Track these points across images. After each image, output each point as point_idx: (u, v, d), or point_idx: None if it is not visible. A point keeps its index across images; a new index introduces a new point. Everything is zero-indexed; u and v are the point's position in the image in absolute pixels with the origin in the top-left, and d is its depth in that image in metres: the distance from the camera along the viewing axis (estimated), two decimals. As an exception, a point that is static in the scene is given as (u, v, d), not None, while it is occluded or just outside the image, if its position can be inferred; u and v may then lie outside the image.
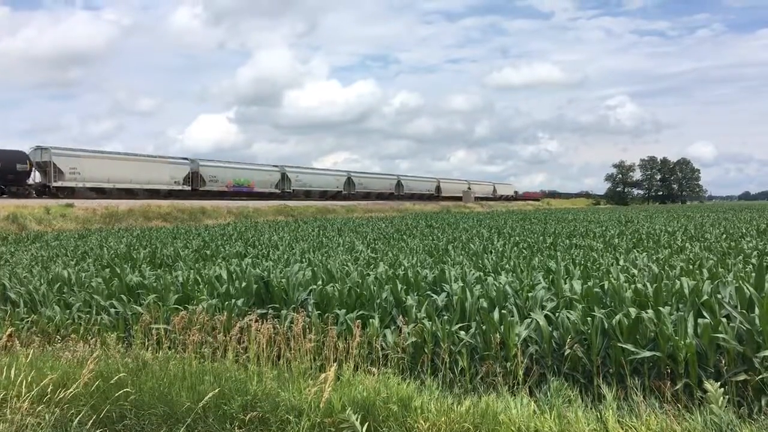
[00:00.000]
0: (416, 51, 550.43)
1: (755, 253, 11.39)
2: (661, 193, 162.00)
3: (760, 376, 4.60)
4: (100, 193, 46.78)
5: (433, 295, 7.07)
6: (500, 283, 7.16)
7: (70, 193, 43.38)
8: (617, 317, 5.32)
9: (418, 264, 10.67)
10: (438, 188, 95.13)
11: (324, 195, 70.45)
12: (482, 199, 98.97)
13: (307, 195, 67.59)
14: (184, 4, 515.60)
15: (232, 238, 20.28)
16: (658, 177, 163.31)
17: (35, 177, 44.49)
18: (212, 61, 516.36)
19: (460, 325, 5.97)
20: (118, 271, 9.54)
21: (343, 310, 6.56)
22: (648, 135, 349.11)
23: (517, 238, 17.20)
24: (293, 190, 66.31)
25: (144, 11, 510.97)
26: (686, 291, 6.23)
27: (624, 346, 5.08)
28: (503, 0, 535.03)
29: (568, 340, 5.30)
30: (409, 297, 6.82)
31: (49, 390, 4.61)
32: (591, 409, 4.40)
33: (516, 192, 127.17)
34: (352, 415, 4.06)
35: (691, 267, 8.85)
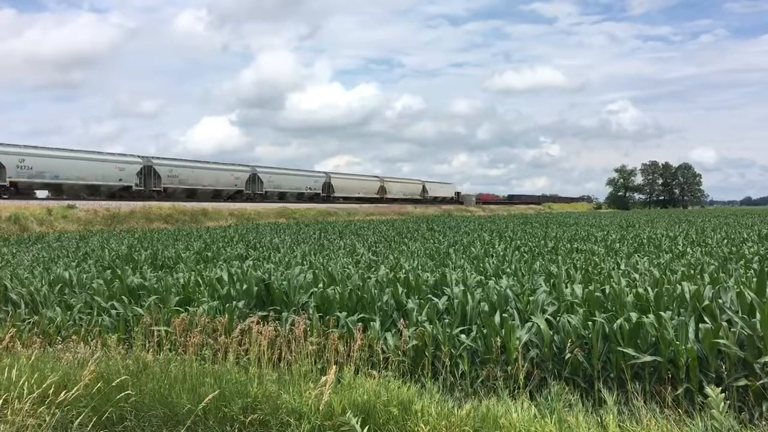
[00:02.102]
0: (420, 55, 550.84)
1: (756, 258, 11.38)
2: (662, 197, 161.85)
3: (761, 382, 4.59)
4: None
5: (434, 298, 7.07)
6: (501, 286, 7.16)
7: None
8: (618, 322, 5.31)
9: (419, 267, 10.67)
10: (327, 186, 71.58)
11: (95, 191, 47.73)
12: (402, 201, 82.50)
13: (57, 191, 45.83)
14: (189, 8, 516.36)
15: (233, 241, 20.29)
16: (660, 182, 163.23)
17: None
18: (215, 63, 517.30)
19: (461, 328, 5.97)
20: (119, 273, 9.55)
21: (344, 313, 6.56)
22: (650, 140, 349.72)
23: (519, 242, 17.19)
24: (10, 181, 41.63)
25: (148, 14, 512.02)
26: (687, 296, 6.23)
27: (625, 350, 5.08)
28: (507, 5, 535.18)
29: (569, 344, 5.30)
30: (410, 300, 6.82)
31: (50, 392, 4.61)
32: (592, 413, 4.40)
33: (458, 193, 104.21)
34: (353, 418, 4.05)
35: (692, 272, 8.84)
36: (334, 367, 4.78)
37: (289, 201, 62.92)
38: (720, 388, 4.10)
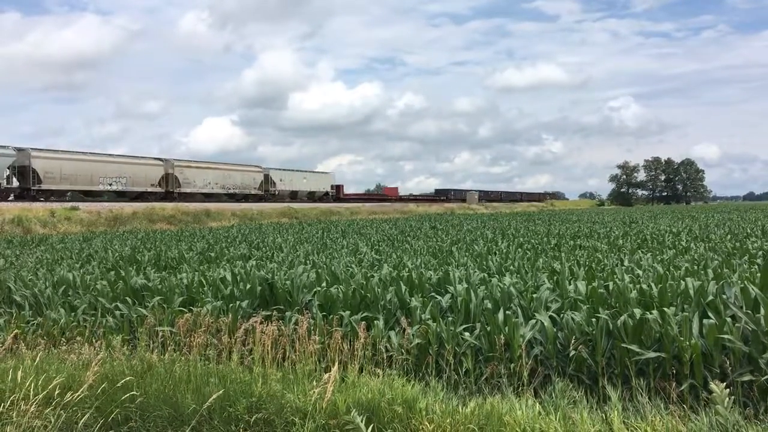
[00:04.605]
0: (422, 53, 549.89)
1: (760, 253, 11.35)
2: (665, 193, 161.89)
3: (766, 377, 4.58)
4: None
5: (437, 296, 7.07)
6: (504, 284, 7.15)
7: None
8: (622, 318, 5.31)
9: (422, 265, 10.66)
10: (27, 174, 42.71)
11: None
12: (237, 198, 60.07)
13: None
14: (191, 9, 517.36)
15: (236, 241, 20.31)
16: (663, 178, 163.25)
17: None
18: (218, 64, 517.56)
19: (464, 326, 5.96)
20: (123, 274, 9.57)
21: (348, 312, 6.56)
22: (652, 136, 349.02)
23: (521, 240, 17.17)
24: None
25: (150, 15, 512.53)
26: (691, 291, 6.21)
27: (629, 346, 5.07)
28: (509, 3, 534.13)
29: (573, 341, 5.30)
30: (413, 298, 6.82)
31: (55, 393, 4.62)
32: (596, 410, 4.39)
33: (337, 187, 78.28)
34: (357, 417, 4.06)
35: (695, 267, 8.82)
36: (336, 364, 4.78)
37: None
38: (724, 383, 4.10)
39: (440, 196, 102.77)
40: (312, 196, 71.72)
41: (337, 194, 77.47)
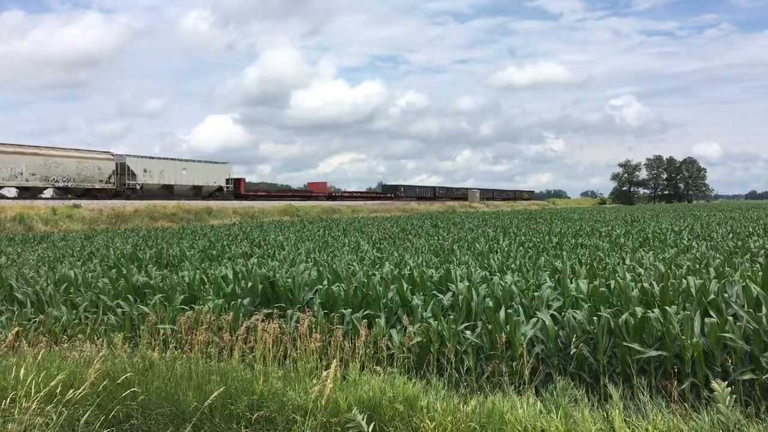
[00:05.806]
0: (425, 52, 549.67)
1: (762, 251, 11.34)
2: (667, 192, 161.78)
3: (767, 375, 4.58)
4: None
5: (438, 294, 7.07)
6: (506, 282, 7.15)
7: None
8: (624, 316, 5.30)
9: (424, 264, 10.67)
10: None
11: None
12: (77, 194, 44.03)
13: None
14: (193, 7, 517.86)
15: (237, 239, 20.33)
16: (664, 176, 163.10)
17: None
18: (220, 62, 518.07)
19: (465, 324, 5.96)
20: (125, 272, 9.58)
21: (349, 310, 6.57)
22: (654, 134, 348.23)
23: (523, 238, 17.17)
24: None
25: (153, 13, 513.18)
26: (693, 290, 6.21)
27: (630, 345, 5.07)
28: (512, 1, 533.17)
29: (574, 339, 5.30)
30: (414, 297, 6.82)
31: (57, 390, 4.63)
32: (597, 408, 4.39)
33: (236, 181, 61.91)
34: (358, 415, 4.06)
35: (697, 266, 8.82)
36: (335, 361, 4.78)
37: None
38: (726, 382, 4.09)
39: (387, 193, 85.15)
40: (199, 192, 56.04)
41: (236, 190, 61.14)
